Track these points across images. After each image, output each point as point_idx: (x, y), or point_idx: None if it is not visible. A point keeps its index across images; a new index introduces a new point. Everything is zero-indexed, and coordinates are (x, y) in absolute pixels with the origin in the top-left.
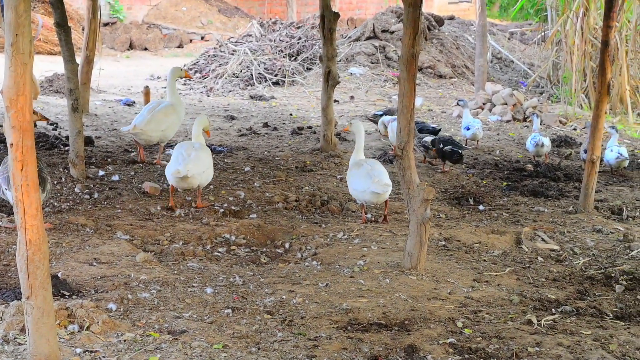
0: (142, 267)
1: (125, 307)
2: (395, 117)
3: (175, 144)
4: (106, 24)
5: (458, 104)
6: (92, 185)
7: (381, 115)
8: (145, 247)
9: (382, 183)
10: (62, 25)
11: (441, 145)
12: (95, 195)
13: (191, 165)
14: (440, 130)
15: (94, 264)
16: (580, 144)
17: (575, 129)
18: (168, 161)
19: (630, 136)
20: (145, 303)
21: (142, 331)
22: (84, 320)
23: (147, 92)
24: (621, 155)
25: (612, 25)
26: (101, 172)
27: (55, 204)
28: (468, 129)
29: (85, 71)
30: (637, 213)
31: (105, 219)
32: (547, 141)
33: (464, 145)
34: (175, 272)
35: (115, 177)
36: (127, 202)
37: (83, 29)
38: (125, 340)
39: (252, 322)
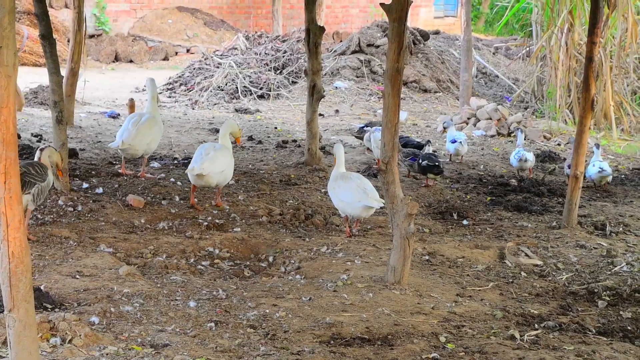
0: (125, 280)
1: (108, 320)
2: (377, 127)
3: (159, 157)
4: (92, 36)
5: (444, 128)
6: (75, 198)
7: (363, 128)
8: (129, 260)
9: (376, 199)
10: (47, 37)
11: (420, 160)
12: (79, 208)
13: (207, 164)
14: (425, 145)
15: (77, 276)
16: (564, 159)
17: (559, 144)
18: (152, 174)
19: (614, 152)
20: (128, 316)
21: (125, 344)
22: (66, 333)
23: (132, 105)
24: (603, 169)
25: (596, 41)
26: (85, 185)
27: (39, 216)
28: (454, 141)
29: (70, 83)
30: (621, 229)
31: (89, 231)
32: (530, 156)
33: (447, 159)
34: (159, 285)
35: (99, 190)
36: (111, 214)
37: (68, 41)
38: (107, 354)
39: (235, 336)
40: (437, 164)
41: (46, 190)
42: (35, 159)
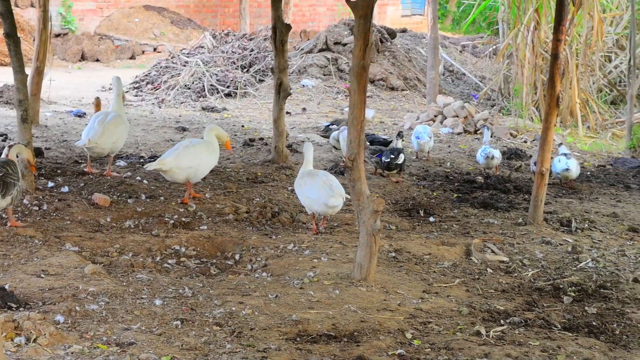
0: (91, 278)
1: (73, 319)
2: (344, 127)
3: (125, 155)
4: (57, 35)
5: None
6: (41, 197)
7: (329, 126)
8: (94, 259)
9: (342, 194)
10: (12, 36)
11: (376, 156)
12: (45, 207)
13: (169, 159)
14: (391, 141)
15: (42, 275)
16: (530, 156)
17: (525, 142)
18: (118, 172)
19: (580, 149)
20: (93, 315)
21: (90, 343)
22: (31, 332)
23: (97, 103)
24: (569, 168)
25: (562, 39)
26: (50, 184)
27: (4, 215)
28: (418, 137)
29: (36, 82)
30: (586, 225)
31: (54, 230)
32: (497, 153)
33: (414, 156)
34: (124, 283)
35: (65, 189)
36: (77, 213)
37: (34, 40)
38: (72, 353)
39: (201, 333)
40: (392, 158)
41: (20, 189)
42: (3, 156)
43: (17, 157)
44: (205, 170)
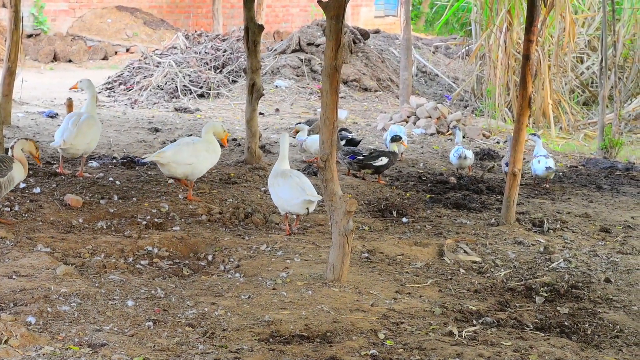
0: (63, 280)
1: (45, 320)
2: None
3: (97, 156)
4: (30, 36)
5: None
6: (12, 198)
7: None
8: (66, 260)
9: (314, 195)
10: None
11: (349, 157)
12: (16, 208)
13: (168, 153)
14: (359, 141)
15: (14, 277)
16: (503, 157)
17: (498, 142)
18: (90, 173)
19: (552, 149)
20: (65, 316)
21: (62, 344)
22: (1, 333)
23: (70, 104)
24: (550, 167)
25: (533, 39)
26: (22, 184)
27: None
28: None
29: (7, 82)
30: (558, 225)
31: (26, 231)
32: (470, 154)
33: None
34: (97, 284)
35: (37, 190)
36: (49, 214)
37: (5, 40)
38: (44, 354)
39: (174, 334)
40: (360, 157)
41: (7, 186)
42: (10, 154)
43: (21, 151)
44: (203, 169)
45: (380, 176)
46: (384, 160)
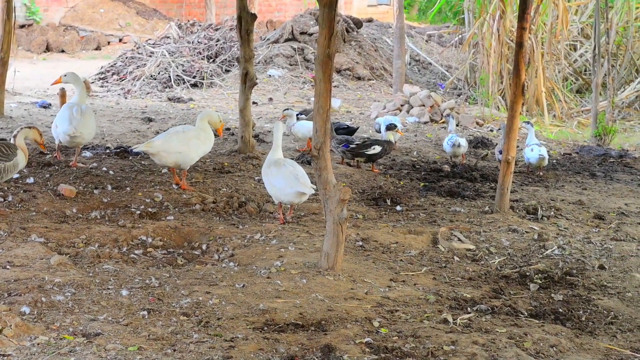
0: (57, 269)
1: (39, 310)
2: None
3: (91, 146)
4: (22, 26)
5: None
6: (6, 188)
7: (298, 116)
8: (60, 250)
9: (308, 185)
10: None
11: (342, 146)
12: (10, 198)
13: (158, 142)
14: (357, 128)
15: (8, 267)
16: (497, 144)
17: (492, 130)
18: (84, 163)
19: (546, 137)
20: (59, 306)
21: (56, 334)
22: None
23: (63, 95)
24: (542, 155)
25: (526, 27)
26: (16, 175)
27: None
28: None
29: (0, 73)
30: (552, 213)
31: (20, 221)
32: (463, 142)
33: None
34: (91, 274)
35: (30, 180)
36: (42, 204)
37: None
38: (38, 344)
39: (168, 323)
40: (352, 145)
41: (12, 170)
42: (12, 141)
43: (24, 140)
44: (195, 157)
45: (374, 165)
46: (376, 149)
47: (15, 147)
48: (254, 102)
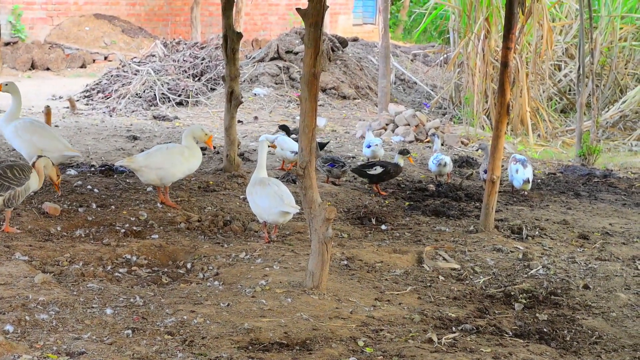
0: (41, 288)
1: (23, 328)
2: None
3: (76, 164)
4: (7, 44)
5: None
6: None
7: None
8: (45, 268)
9: (292, 205)
10: None
11: (328, 165)
12: None
13: (140, 158)
14: (327, 142)
15: None
16: (481, 164)
17: (477, 150)
18: (68, 181)
19: (530, 157)
20: (43, 324)
21: (40, 353)
22: None
23: (48, 112)
24: (528, 180)
25: (511, 47)
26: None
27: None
28: (369, 146)
29: None
30: (537, 232)
31: (3, 239)
32: (448, 160)
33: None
34: (75, 293)
35: None
36: (27, 222)
37: None
38: None
39: (153, 342)
40: (341, 163)
41: (23, 194)
42: (30, 163)
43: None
44: (177, 174)
45: (377, 185)
46: (377, 170)
47: (30, 169)
48: (239, 121)
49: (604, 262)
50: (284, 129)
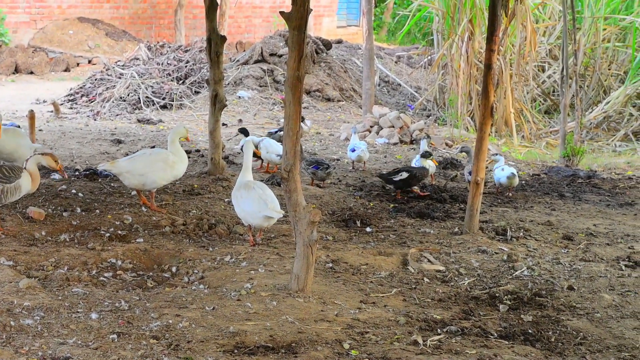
0: (26, 293)
1: (8, 334)
2: (264, 137)
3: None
4: None
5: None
6: None
7: (276, 132)
8: (29, 273)
9: (277, 210)
10: None
11: (312, 167)
12: None
13: (122, 163)
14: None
15: None
16: (465, 166)
17: (460, 152)
18: (53, 185)
19: (515, 158)
20: (28, 330)
21: (25, 358)
22: None
23: (32, 116)
24: (513, 174)
25: (495, 49)
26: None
27: None
28: (353, 150)
29: None
30: (521, 233)
31: None
32: (431, 163)
33: (350, 167)
34: (60, 297)
35: None
36: (11, 227)
37: None
38: None
39: (138, 347)
40: (326, 165)
41: (13, 192)
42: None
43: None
44: (159, 180)
45: (399, 192)
46: (403, 175)
47: (20, 170)
48: (223, 124)
49: (588, 263)
50: (243, 132)
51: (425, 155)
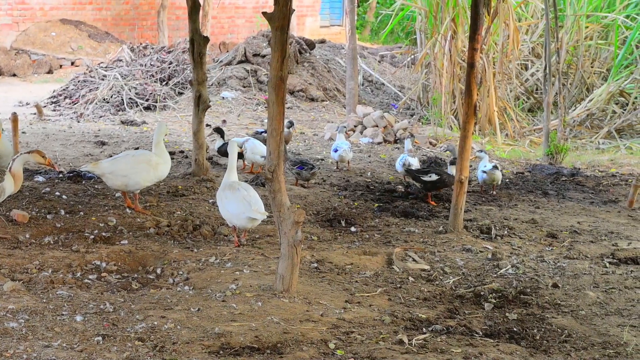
0: (10, 296)
1: None
2: (249, 137)
3: (44, 171)
4: None
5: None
6: None
7: (262, 133)
8: (14, 276)
9: (261, 211)
10: None
11: (296, 167)
12: None
13: (105, 164)
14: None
15: None
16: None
17: (445, 151)
18: (36, 188)
19: (498, 156)
20: (13, 333)
21: None
22: None
23: (15, 119)
24: (496, 167)
25: (477, 47)
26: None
27: None
28: (336, 150)
29: None
30: (505, 232)
31: None
32: (415, 161)
33: (334, 167)
34: (44, 300)
35: None
36: None
37: None
38: None
39: (123, 349)
40: (310, 166)
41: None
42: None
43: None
44: (142, 181)
45: (430, 195)
46: (433, 177)
47: (2, 172)
48: (207, 125)
49: (572, 260)
50: (218, 131)
51: (454, 162)
